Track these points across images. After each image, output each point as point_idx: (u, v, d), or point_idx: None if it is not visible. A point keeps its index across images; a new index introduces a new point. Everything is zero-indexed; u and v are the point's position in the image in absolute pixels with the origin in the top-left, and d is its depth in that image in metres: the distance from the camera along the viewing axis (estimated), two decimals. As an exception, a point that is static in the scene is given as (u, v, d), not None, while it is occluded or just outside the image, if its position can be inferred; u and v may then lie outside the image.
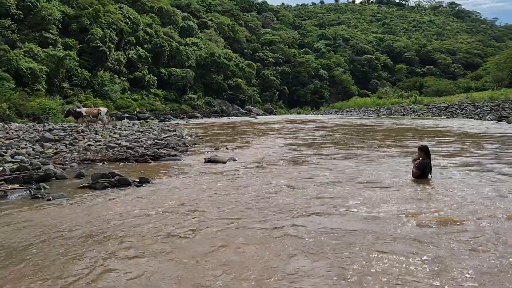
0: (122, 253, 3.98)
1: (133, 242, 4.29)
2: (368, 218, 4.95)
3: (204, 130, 24.56)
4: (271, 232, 4.53)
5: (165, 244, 4.22)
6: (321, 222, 4.84)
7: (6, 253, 4.05)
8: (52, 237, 4.51)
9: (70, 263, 3.77)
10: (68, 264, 3.75)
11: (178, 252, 3.99)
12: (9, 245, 4.28)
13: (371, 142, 14.56)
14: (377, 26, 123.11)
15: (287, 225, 4.77)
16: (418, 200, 5.82)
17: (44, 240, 4.40)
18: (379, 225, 4.67)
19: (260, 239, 4.31)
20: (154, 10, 63.63)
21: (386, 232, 4.44)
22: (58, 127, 19.99)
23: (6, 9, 36.84)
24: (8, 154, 9.90)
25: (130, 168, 9.51)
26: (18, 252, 4.07)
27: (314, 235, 4.40)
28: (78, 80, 40.09)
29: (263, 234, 4.47)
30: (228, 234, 4.50)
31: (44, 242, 4.34)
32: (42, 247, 4.19)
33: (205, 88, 60.56)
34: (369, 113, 46.72)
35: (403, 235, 4.35)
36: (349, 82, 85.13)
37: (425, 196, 6.09)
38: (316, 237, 4.33)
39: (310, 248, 4.01)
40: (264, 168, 9.16)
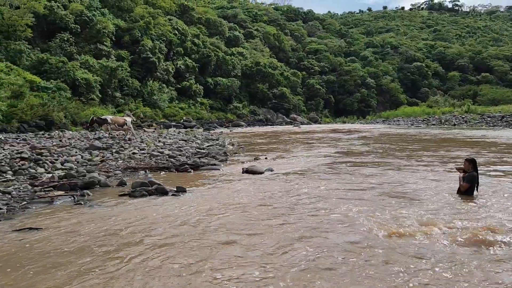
0: (138, 256, 4.10)
1: (149, 243, 4.41)
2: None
3: (247, 139, 24.77)
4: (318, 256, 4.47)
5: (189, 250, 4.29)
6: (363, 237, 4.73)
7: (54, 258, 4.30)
8: (82, 240, 4.73)
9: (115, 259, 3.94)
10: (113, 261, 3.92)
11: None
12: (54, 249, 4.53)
13: (415, 153, 14.02)
14: (427, 32, 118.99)
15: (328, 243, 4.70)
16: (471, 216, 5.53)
17: (80, 245, 4.62)
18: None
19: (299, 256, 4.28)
20: (202, 21, 65.40)
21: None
22: (107, 135, 20.94)
23: (65, 24, 39.34)
24: (58, 162, 10.51)
25: (170, 177, 9.77)
26: (63, 256, 4.30)
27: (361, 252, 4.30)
28: (129, 90, 41.90)
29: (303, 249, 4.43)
30: (248, 249, 4.50)
31: (79, 247, 4.56)
32: (82, 250, 4.40)
33: (250, 97, 61.18)
34: (418, 123, 45.10)
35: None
36: (398, 91, 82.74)
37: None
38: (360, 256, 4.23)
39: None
40: (301, 179, 9.08)
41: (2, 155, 10.69)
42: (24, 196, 7.23)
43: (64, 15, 39.51)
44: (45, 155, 11.28)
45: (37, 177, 8.72)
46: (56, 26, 39.11)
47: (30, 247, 4.63)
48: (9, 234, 5.13)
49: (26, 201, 6.98)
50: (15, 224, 5.56)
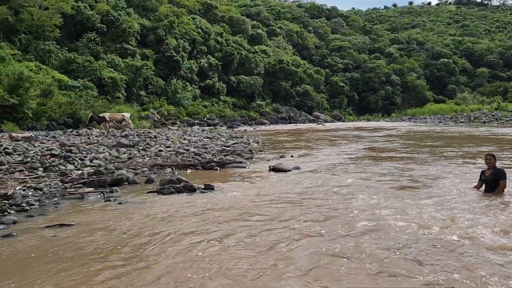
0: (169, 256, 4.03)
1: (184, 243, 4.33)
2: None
3: (271, 137, 24.64)
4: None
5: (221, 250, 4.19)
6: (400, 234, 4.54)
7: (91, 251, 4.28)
8: (118, 238, 4.69)
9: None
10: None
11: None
12: (81, 246, 4.53)
13: (444, 151, 13.57)
14: (455, 28, 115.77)
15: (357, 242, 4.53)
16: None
17: (112, 241, 4.59)
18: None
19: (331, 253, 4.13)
20: (225, 20, 65.55)
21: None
22: (133, 132, 21.17)
23: (92, 24, 40.08)
24: (87, 159, 10.63)
25: (197, 175, 9.74)
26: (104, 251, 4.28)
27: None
28: (154, 88, 42.38)
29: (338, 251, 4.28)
30: (285, 243, 4.37)
31: (110, 244, 4.53)
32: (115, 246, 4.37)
33: (273, 95, 60.97)
34: (445, 120, 43.95)
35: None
36: (424, 88, 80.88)
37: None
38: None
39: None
40: (328, 177, 8.88)
41: (33, 152, 10.89)
42: (55, 193, 7.31)
43: (91, 15, 40.25)
44: (74, 152, 11.44)
45: (67, 174, 8.83)
46: (83, 26, 39.90)
47: (62, 243, 4.63)
48: (42, 230, 5.16)
49: (57, 197, 7.05)
50: (47, 220, 5.60)
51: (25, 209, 6.12)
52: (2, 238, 4.82)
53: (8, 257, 4.24)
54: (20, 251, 4.39)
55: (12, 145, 11.81)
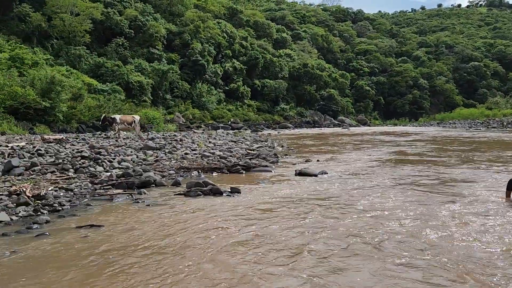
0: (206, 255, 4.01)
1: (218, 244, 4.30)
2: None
3: (295, 141, 24.50)
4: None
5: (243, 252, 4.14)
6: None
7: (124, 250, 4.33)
8: (153, 238, 4.72)
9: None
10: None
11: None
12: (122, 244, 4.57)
13: (478, 160, 13.13)
14: (486, 30, 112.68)
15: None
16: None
17: (142, 242, 4.62)
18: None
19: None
20: (250, 24, 65.92)
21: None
22: (160, 135, 21.48)
23: (120, 29, 41.07)
24: (116, 161, 10.81)
25: (223, 178, 9.74)
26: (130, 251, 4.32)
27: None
28: (179, 92, 42.98)
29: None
30: (314, 252, 4.28)
31: (144, 245, 4.56)
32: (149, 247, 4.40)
33: (297, 99, 60.79)
34: (476, 125, 42.69)
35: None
36: (453, 92, 79.00)
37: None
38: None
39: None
40: (356, 181, 8.72)
41: (64, 154, 11.16)
42: (85, 194, 7.44)
43: (120, 21, 41.25)
44: (103, 154, 11.66)
45: (96, 175, 8.99)
46: (112, 31, 40.93)
47: (93, 243, 4.69)
48: (73, 230, 5.24)
49: (87, 198, 7.18)
50: (78, 221, 5.70)
51: (57, 209, 6.25)
52: (36, 237, 4.92)
53: (42, 256, 4.32)
54: (53, 251, 4.47)
55: (44, 147, 12.15)
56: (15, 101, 21.21)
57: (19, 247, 4.56)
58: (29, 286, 3.59)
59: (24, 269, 3.97)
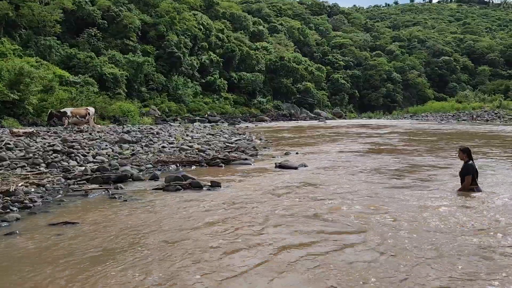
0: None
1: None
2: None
3: (273, 134, 24.46)
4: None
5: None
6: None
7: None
8: (132, 235, 4.53)
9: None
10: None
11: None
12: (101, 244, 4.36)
13: (446, 147, 13.40)
14: (456, 26, 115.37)
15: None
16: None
17: (119, 240, 4.42)
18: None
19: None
20: (226, 16, 65.24)
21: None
22: (135, 129, 21.02)
23: (93, 19, 39.81)
24: (90, 155, 10.46)
25: (202, 171, 9.57)
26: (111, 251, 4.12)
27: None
28: (155, 84, 42.15)
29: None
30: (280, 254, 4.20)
31: (127, 242, 4.36)
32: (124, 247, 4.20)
33: (274, 92, 60.72)
34: (448, 118, 43.76)
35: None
36: (425, 86, 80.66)
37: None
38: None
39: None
40: (337, 175, 8.71)
41: (35, 148, 10.72)
42: (58, 189, 7.14)
43: (92, 11, 39.99)
44: (77, 148, 11.25)
45: (69, 170, 8.66)
46: (84, 22, 39.63)
47: (67, 242, 4.47)
48: (45, 228, 4.99)
49: (61, 194, 6.89)
50: (51, 218, 5.43)
51: (28, 206, 5.95)
52: (5, 236, 4.65)
53: (11, 256, 4.07)
54: (23, 250, 4.23)
55: (13, 141, 11.63)
56: (-19, 93, 20.29)
57: (-13, 247, 4.29)
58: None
59: (-7, 270, 3.72)
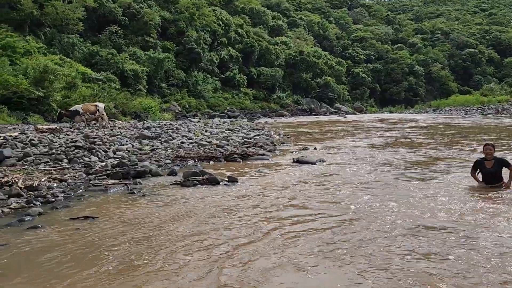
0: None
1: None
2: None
3: (292, 129, 24.37)
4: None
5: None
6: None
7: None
8: (146, 230, 4.61)
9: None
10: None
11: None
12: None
13: (471, 143, 13.06)
14: (482, 17, 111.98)
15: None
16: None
17: (138, 235, 4.50)
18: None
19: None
20: (245, 11, 65.14)
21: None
22: (155, 124, 21.28)
23: (114, 16, 40.41)
24: (111, 150, 10.65)
25: (220, 167, 9.62)
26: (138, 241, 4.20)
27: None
28: (175, 80, 42.55)
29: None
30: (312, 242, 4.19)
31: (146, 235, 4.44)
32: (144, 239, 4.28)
33: (294, 87, 60.44)
34: (472, 112, 42.66)
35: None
36: (448, 79, 78.83)
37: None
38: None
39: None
40: (355, 170, 8.61)
41: (58, 144, 10.99)
42: (80, 184, 7.31)
43: (113, 8, 40.57)
44: (98, 144, 11.48)
45: (91, 166, 8.84)
46: (106, 19, 40.27)
47: (87, 236, 4.57)
48: (66, 222, 5.12)
49: (82, 189, 7.05)
50: (72, 212, 5.57)
51: (50, 200, 6.12)
52: (28, 230, 4.79)
53: (34, 249, 4.20)
54: (46, 243, 4.35)
55: (37, 137, 11.95)
56: (7, 90, 20.86)
57: (11, 240, 4.44)
58: (21, 280, 3.47)
59: (15, 262, 3.85)
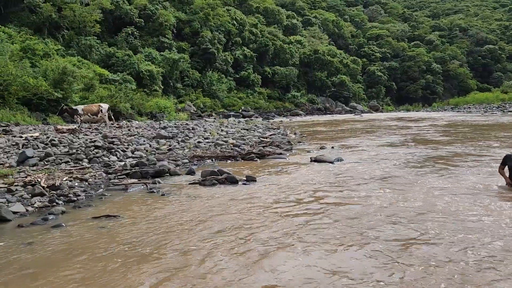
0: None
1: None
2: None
3: (308, 128, 24.25)
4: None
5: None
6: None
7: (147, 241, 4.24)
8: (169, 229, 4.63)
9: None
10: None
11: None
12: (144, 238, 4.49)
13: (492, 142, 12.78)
14: (502, 12, 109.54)
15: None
16: None
17: (160, 233, 4.53)
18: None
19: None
20: (260, 11, 65.16)
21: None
22: (171, 124, 21.43)
23: (130, 18, 40.88)
24: (129, 150, 10.76)
25: (237, 166, 9.62)
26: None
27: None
28: (190, 81, 42.83)
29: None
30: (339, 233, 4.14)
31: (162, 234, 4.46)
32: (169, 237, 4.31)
33: (308, 86, 60.21)
34: (492, 110, 41.82)
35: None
36: (467, 76, 77.47)
37: None
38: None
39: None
40: (375, 169, 8.51)
41: (77, 144, 11.15)
42: (100, 183, 7.39)
43: (129, 10, 41.05)
44: (116, 143, 11.60)
45: (110, 165, 8.94)
46: (122, 21, 40.77)
47: (111, 234, 4.62)
48: (89, 221, 5.17)
49: (102, 188, 7.13)
50: (94, 211, 5.63)
51: (72, 199, 6.20)
52: (52, 228, 4.86)
53: (59, 247, 4.25)
54: (70, 242, 4.40)
55: (58, 137, 12.15)
56: (27, 92, 21.26)
57: (36, 238, 4.51)
58: (46, 278, 3.51)
59: (40, 261, 3.90)
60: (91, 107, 18.45)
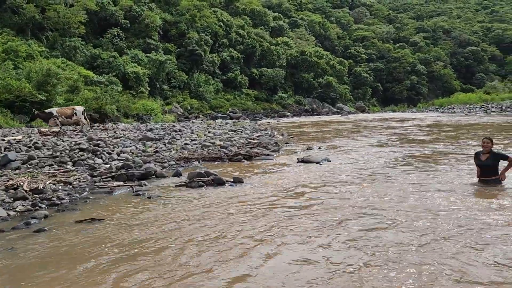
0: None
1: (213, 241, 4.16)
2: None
3: (295, 129, 24.32)
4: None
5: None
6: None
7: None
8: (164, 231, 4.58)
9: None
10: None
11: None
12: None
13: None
14: (483, 14, 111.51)
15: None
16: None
17: (145, 237, 4.47)
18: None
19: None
20: (246, 12, 65.20)
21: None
22: (158, 126, 21.27)
23: (115, 19, 40.50)
24: (115, 152, 10.64)
25: (224, 167, 9.59)
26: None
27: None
28: (177, 82, 42.61)
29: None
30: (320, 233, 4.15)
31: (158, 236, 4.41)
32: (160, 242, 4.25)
33: (296, 87, 60.43)
34: (475, 110, 42.51)
35: None
36: (451, 77, 78.63)
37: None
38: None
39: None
40: (361, 168, 8.57)
41: (62, 147, 10.97)
42: (85, 187, 7.28)
43: (115, 11, 40.68)
44: (102, 146, 11.46)
45: (95, 168, 8.82)
46: (107, 22, 40.37)
47: (94, 238, 4.54)
48: (73, 225, 5.09)
49: (87, 191, 7.02)
50: (78, 215, 5.54)
51: (55, 203, 6.09)
52: (34, 233, 4.77)
53: (41, 252, 4.17)
54: (53, 247, 4.32)
55: (41, 140, 11.95)
56: (10, 94, 20.89)
57: (17, 243, 4.41)
58: (28, 284, 3.44)
59: (22, 267, 3.82)
60: (65, 110, 18.32)
